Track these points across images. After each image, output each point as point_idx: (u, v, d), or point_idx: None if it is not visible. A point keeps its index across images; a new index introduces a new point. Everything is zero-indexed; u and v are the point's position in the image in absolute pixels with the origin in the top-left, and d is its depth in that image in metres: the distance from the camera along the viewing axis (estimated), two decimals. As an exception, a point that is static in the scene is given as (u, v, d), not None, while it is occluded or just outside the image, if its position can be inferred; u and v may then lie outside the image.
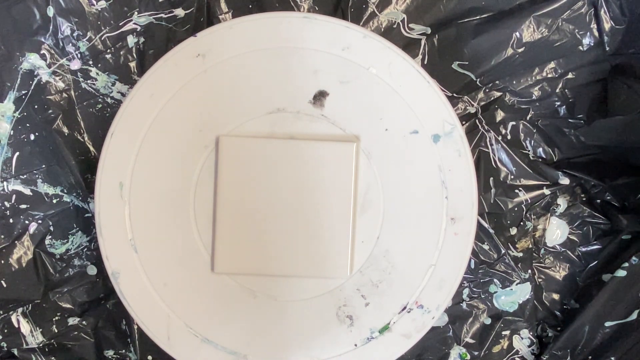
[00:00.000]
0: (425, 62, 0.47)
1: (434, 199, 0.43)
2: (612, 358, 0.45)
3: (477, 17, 0.47)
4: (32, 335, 0.48)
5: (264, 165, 0.42)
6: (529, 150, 0.49)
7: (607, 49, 0.46)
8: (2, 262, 0.47)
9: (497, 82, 0.48)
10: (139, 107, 0.42)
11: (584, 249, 0.49)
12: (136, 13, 0.46)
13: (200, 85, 0.42)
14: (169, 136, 0.42)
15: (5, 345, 0.47)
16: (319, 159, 0.42)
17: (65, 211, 0.47)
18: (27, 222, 0.47)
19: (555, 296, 0.50)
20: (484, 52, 0.47)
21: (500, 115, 0.48)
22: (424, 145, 0.43)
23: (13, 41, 0.45)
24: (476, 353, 0.49)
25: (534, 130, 0.49)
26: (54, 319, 0.48)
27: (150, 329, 0.42)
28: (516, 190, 0.49)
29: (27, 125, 0.47)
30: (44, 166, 0.47)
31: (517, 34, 0.46)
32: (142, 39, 0.47)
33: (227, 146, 0.42)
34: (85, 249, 0.48)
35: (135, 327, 0.48)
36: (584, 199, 0.50)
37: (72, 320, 0.48)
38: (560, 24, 0.46)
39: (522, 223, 0.49)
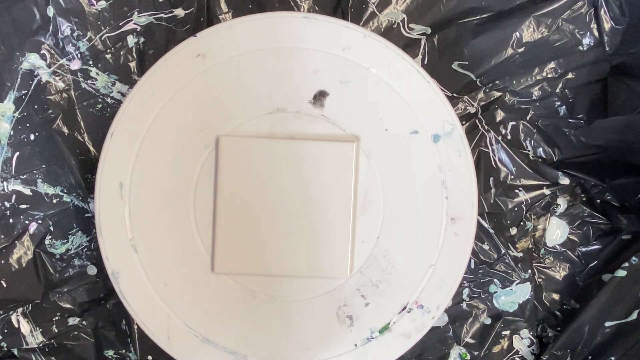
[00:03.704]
0: (425, 62, 0.47)
1: (434, 199, 0.43)
2: (612, 358, 0.45)
3: (477, 17, 0.47)
4: (32, 335, 0.48)
5: (264, 165, 0.42)
6: (529, 150, 0.49)
7: (607, 49, 0.46)
8: (2, 262, 0.47)
9: (497, 82, 0.48)
10: (139, 107, 0.42)
11: (584, 249, 0.49)
12: (136, 13, 0.46)
13: (200, 85, 0.42)
14: (169, 136, 0.42)
15: (5, 345, 0.47)
16: (319, 159, 0.42)
17: (65, 211, 0.47)
18: (27, 222, 0.47)
19: (555, 296, 0.50)
20: (484, 52, 0.47)
21: (500, 115, 0.48)
22: (424, 145, 0.43)
23: (13, 41, 0.45)
24: (476, 353, 0.49)
25: (534, 130, 0.49)
26: (54, 319, 0.48)
27: (150, 329, 0.42)
28: (516, 190, 0.49)
29: (27, 125, 0.47)
30: (44, 166, 0.47)
31: (517, 34, 0.46)
32: (142, 39, 0.47)
33: (227, 146, 0.42)
34: (85, 249, 0.48)
35: (135, 327, 0.48)
36: (584, 199, 0.50)
37: (72, 320, 0.48)
38: (560, 24, 0.46)
39: (522, 223, 0.49)
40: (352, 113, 0.43)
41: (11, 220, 0.47)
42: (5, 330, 0.47)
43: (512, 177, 0.48)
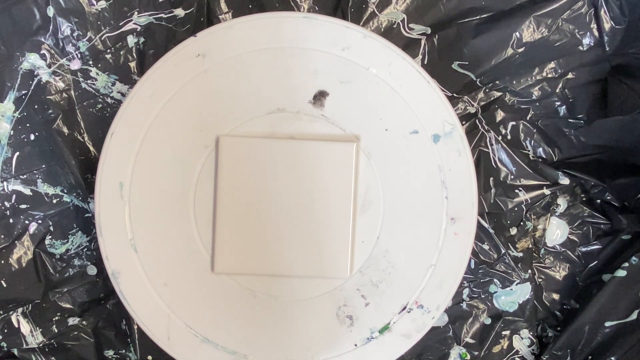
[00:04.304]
0: (425, 62, 0.47)
1: (434, 199, 0.43)
2: (612, 358, 0.45)
3: (477, 17, 0.47)
4: (32, 335, 0.48)
5: (264, 165, 0.42)
6: (529, 150, 0.49)
7: (607, 49, 0.46)
8: (2, 262, 0.47)
9: (497, 82, 0.48)
10: (139, 107, 0.42)
11: (584, 249, 0.49)
12: (136, 13, 0.46)
13: (200, 85, 0.42)
14: (169, 136, 0.42)
15: (5, 345, 0.47)
16: (319, 159, 0.42)
17: (65, 211, 0.47)
18: (27, 222, 0.47)
19: (555, 296, 0.50)
20: (484, 52, 0.47)
21: (500, 115, 0.48)
22: (424, 145, 0.43)
23: (13, 41, 0.45)
24: (476, 353, 0.49)
25: (534, 130, 0.49)
26: (54, 319, 0.48)
27: (150, 329, 0.42)
28: (516, 190, 0.49)
29: (27, 125, 0.47)
30: (44, 166, 0.47)
31: (517, 34, 0.46)
32: (142, 39, 0.47)
33: (227, 146, 0.42)
34: (85, 249, 0.48)
35: (135, 327, 0.48)
36: (584, 199, 0.50)
37: (72, 320, 0.48)
38: (560, 24, 0.46)
39: (522, 223, 0.49)
40: (352, 113, 0.43)
41: (11, 220, 0.47)
42: (5, 330, 0.47)
43: (512, 177, 0.48)
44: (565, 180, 0.49)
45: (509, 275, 0.49)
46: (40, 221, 0.47)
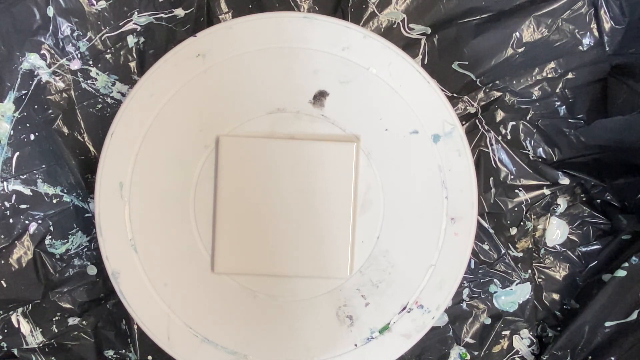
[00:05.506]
0: (425, 62, 0.47)
1: (434, 199, 0.43)
2: (612, 358, 0.45)
3: (477, 17, 0.47)
4: (32, 335, 0.48)
5: (264, 165, 0.42)
6: (529, 150, 0.49)
7: (607, 49, 0.46)
8: (2, 262, 0.47)
9: (497, 82, 0.48)
10: (139, 107, 0.42)
11: (584, 249, 0.49)
12: (136, 13, 0.46)
13: (200, 85, 0.42)
14: (169, 136, 0.42)
15: (5, 345, 0.47)
16: (319, 159, 0.42)
17: (65, 211, 0.47)
18: (27, 222, 0.47)
19: (555, 296, 0.50)
20: (484, 52, 0.47)
21: (500, 115, 0.48)
22: (424, 145, 0.43)
23: (13, 41, 0.45)
24: (476, 353, 0.49)
25: (534, 130, 0.49)
26: (54, 319, 0.48)
27: (150, 329, 0.42)
28: (516, 190, 0.49)
29: (27, 125, 0.47)
30: (44, 166, 0.47)
31: (517, 34, 0.46)
32: (142, 39, 0.47)
33: (227, 146, 0.42)
34: (85, 249, 0.48)
35: (135, 327, 0.48)
36: (584, 199, 0.50)
37: (72, 320, 0.48)
38: (560, 24, 0.46)
39: (522, 223, 0.49)
40: (352, 113, 0.43)
41: (11, 220, 0.47)
42: (5, 330, 0.47)
43: (512, 177, 0.48)
44: (565, 180, 0.49)
45: (509, 275, 0.49)
46: (40, 221, 0.47)
